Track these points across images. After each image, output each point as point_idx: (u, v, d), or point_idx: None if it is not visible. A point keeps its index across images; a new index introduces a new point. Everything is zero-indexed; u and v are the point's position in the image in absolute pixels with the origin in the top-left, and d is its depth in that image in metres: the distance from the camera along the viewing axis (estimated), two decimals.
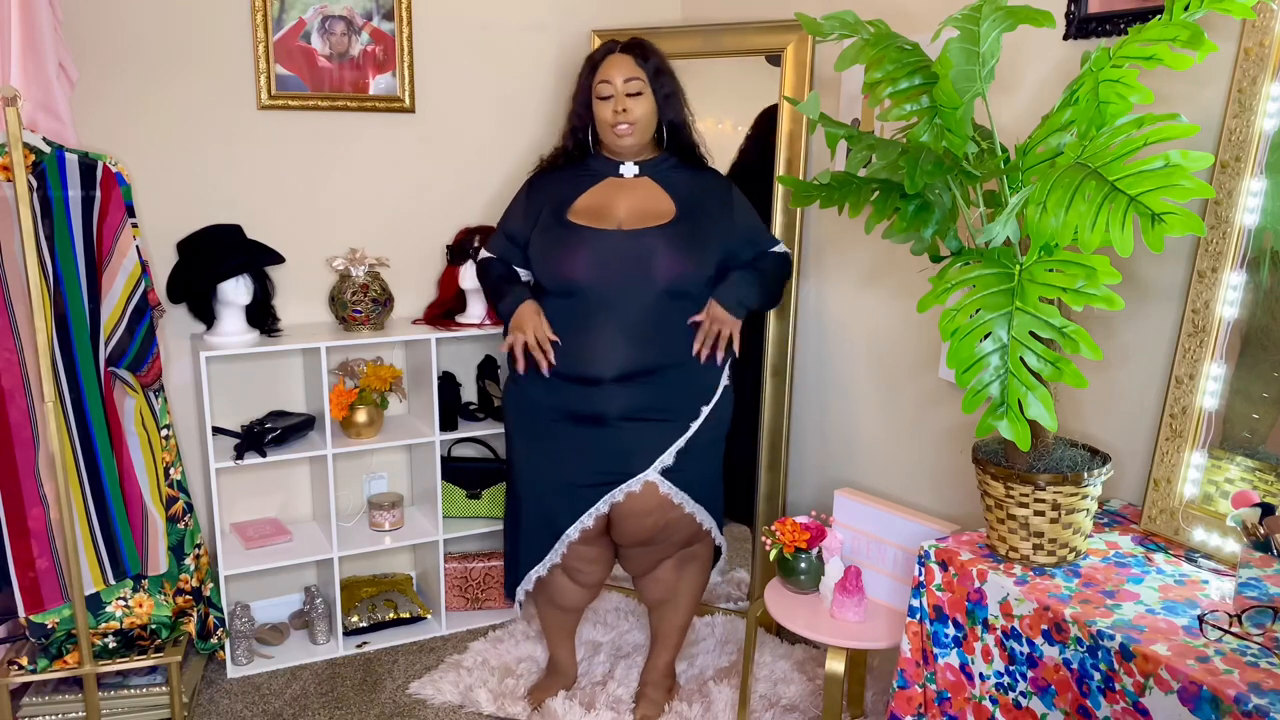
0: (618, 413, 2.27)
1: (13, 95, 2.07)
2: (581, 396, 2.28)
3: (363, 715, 2.57)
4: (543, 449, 2.36)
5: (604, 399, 2.27)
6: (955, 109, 1.59)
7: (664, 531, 2.38)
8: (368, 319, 2.81)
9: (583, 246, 2.27)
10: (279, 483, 2.99)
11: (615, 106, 2.28)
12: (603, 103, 2.30)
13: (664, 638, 2.58)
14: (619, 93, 2.28)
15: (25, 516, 2.28)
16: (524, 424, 2.39)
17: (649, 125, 2.32)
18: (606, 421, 2.28)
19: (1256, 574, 1.47)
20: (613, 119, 2.28)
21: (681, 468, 2.33)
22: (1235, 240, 1.70)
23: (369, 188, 2.94)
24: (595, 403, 2.27)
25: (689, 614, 2.57)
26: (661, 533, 2.38)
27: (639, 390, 2.27)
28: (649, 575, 2.52)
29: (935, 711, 1.75)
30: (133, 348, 2.38)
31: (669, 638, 2.58)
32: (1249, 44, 1.68)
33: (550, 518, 2.37)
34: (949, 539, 1.80)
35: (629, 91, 2.28)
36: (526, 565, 2.43)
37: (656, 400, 2.28)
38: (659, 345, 2.27)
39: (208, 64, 2.69)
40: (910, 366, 2.52)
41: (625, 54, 2.31)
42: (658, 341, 2.27)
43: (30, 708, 2.41)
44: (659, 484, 2.31)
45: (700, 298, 2.31)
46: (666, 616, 2.55)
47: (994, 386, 1.50)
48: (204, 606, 2.56)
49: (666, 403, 2.30)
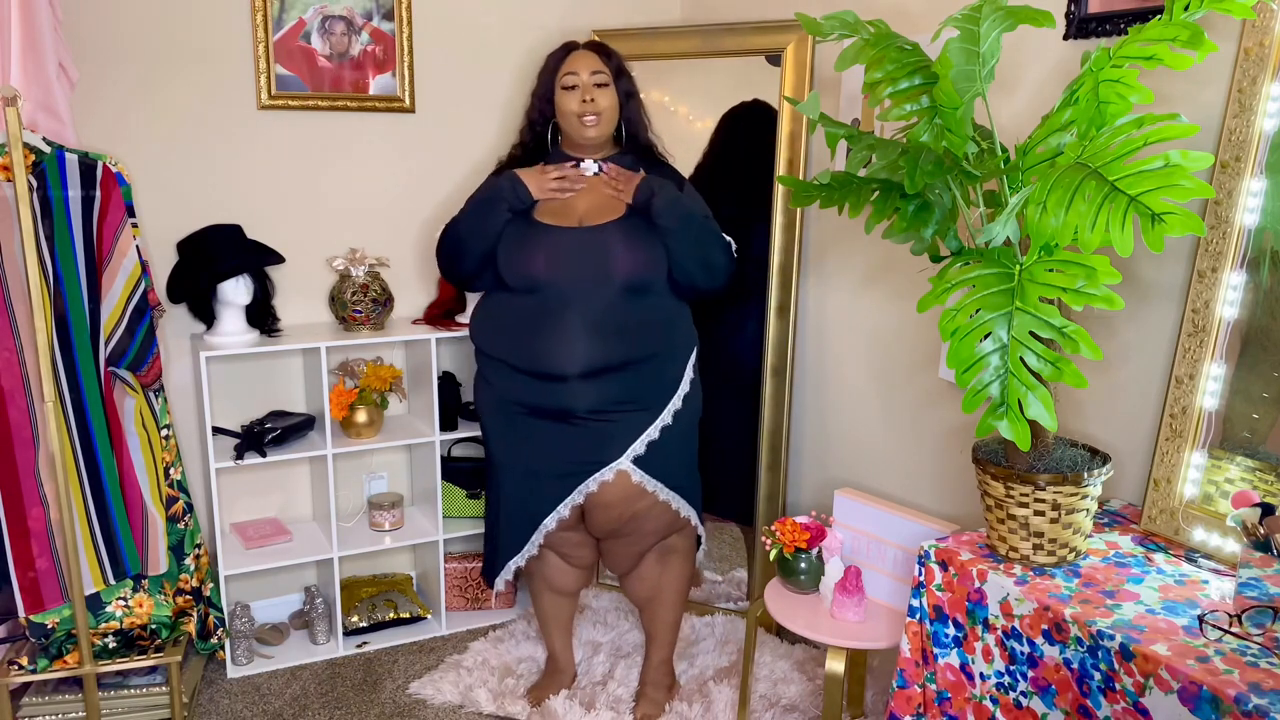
0: (586, 408, 2.29)
1: (13, 95, 2.07)
2: (548, 392, 2.29)
3: (363, 715, 2.57)
4: (515, 441, 2.38)
5: (570, 395, 2.28)
6: (955, 109, 1.59)
7: (634, 521, 2.40)
8: (368, 319, 2.81)
9: (544, 243, 2.28)
10: (279, 483, 2.99)
11: (583, 96, 2.30)
12: (568, 93, 2.31)
13: (657, 635, 2.58)
14: (585, 83, 2.30)
15: (25, 516, 2.28)
16: (496, 419, 2.41)
17: (613, 118, 2.35)
18: (574, 417, 2.30)
19: (1256, 574, 1.47)
20: (580, 109, 2.30)
21: (653, 457, 2.34)
22: (1235, 240, 1.70)
23: (369, 188, 2.94)
24: (562, 398, 2.29)
25: (678, 609, 2.57)
26: (631, 523, 2.40)
27: (605, 385, 2.28)
28: (633, 573, 2.53)
29: (935, 711, 1.75)
30: (133, 348, 2.38)
31: (662, 635, 2.58)
32: (1249, 44, 1.68)
33: (527, 509, 2.40)
34: (949, 539, 1.80)
35: (595, 83, 2.31)
36: (506, 555, 2.46)
37: (624, 394, 2.30)
38: (623, 340, 2.27)
39: (208, 64, 2.69)
40: (910, 366, 2.52)
41: (588, 50, 2.35)
42: (622, 337, 2.27)
43: (30, 708, 2.41)
44: (631, 472, 2.33)
45: (662, 292, 2.32)
46: (656, 614, 2.56)
47: (994, 386, 1.50)
48: (204, 606, 2.56)
49: (634, 395, 2.31)
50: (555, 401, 2.30)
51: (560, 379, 2.27)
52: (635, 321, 2.28)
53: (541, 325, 2.27)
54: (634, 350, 2.29)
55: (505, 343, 2.33)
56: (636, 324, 2.28)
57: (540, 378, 2.29)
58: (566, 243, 2.28)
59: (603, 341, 2.25)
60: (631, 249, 2.26)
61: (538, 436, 2.35)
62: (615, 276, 2.25)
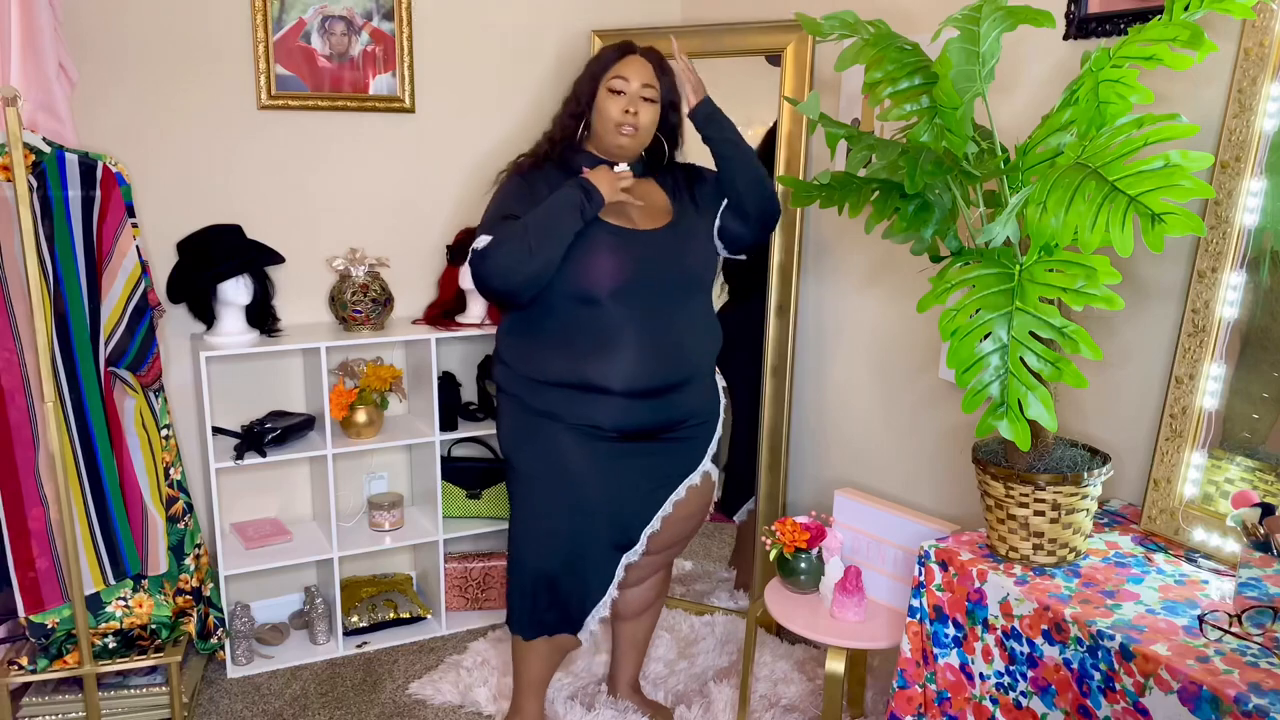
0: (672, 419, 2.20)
1: (13, 95, 2.07)
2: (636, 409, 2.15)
3: (363, 715, 2.57)
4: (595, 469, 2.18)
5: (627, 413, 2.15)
6: (955, 109, 1.59)
7: (701, 524, 2.40)
8: (368, 319, 2.81)
9: (613, 247, 2.12)
10: (279, 483, 2.99)
11: (628, 106, 2.17)
12: (614, 98, 2.17)
13: (643, 643, 2.53)
14: (633, 94, 2.17)
15: (25, 516, 2.28)
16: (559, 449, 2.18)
17: (649, 137, 2.23)
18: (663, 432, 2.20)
19: (1256, 574, 1.47)
20: (621, 118, 2.17)
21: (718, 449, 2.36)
22: (1235, 240, 1.70)
23: (369, 188, 2.94)
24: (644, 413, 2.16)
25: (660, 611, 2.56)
26: (699, 525, 2.40)
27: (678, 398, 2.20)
28: (645, 583, 2.43)
29: (935, 711, 1.75)
30: (133, 348, 2.38)
31: (645, 642, 2.54)
32: (1249, 44, 1.68)
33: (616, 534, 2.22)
34: (949, 539, 1.80)
35: (643, 96, 2.18)
36: (597, 593, 2.23)
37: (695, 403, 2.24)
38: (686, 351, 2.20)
39: (208, 64, 2.69)
40: (910, 366, 2.52)
41: (645, 59, 2.21)
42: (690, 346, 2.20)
43: (30, 708, 2.41)
44: (712, 472, 2.34)
45: (709, 290, 2.30)
46: (645, 622, 2.51)
47: (994, 386, 1.51)
48: (204, 606, 2.56)
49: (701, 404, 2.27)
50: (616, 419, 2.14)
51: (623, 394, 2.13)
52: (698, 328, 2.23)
53: (604, 339, 2.11)
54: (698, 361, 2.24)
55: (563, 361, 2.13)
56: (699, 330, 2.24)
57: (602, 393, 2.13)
58: (640, 246, 2.15)
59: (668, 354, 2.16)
60: (696, 246, 2.22)
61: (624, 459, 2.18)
62: (686, 275, 2.19)
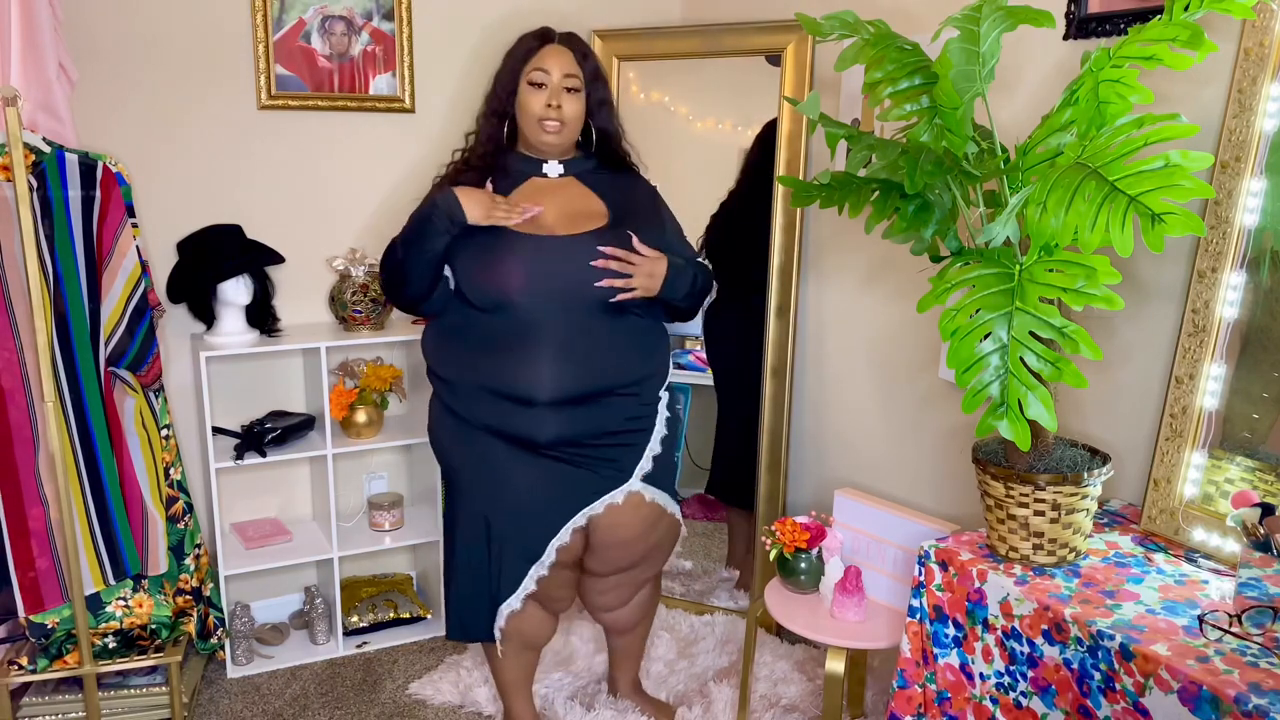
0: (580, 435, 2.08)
1: (13, 95, 2.07)
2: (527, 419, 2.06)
3: (363, 715, 2.57)
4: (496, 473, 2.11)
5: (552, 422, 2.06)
6: (955, 109, 1.59)
7: (656, 550, 2.28)
8: (368, 319, 2.81)
9: (518, 253, 2.01)
10: (279, 483, 2.99)
11: (549, 99, 2.07)
12: (534, 91, 2.08)
13: (638, 651, 2.51)
14: (555, 86, 2.08)
15: (25, 516, 2.28)
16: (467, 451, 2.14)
17: (577, 128, 2.13)
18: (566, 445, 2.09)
19: (1256, 574, 1.47)
20: (543, 112, 2.07)
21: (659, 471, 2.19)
22: (1235, 240, 1.70)
23: (369, 188, 2.94)
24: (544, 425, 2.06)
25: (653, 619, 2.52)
26: (653, 552, 2.27)
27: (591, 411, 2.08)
28: (628, 604, 2.38)
29: (935, 711, 1.75)
30: (133, 348, 2.38)
31: (641, 649, 2.52)
32: (1249, 44, 1.68)
33: (524, 541, 2.14)
34: (949, 539, 1.80)
35: (566, 87, 2.09)
36: (505, 595, 2.15)
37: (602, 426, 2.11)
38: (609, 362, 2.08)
39: (208, 64, 2.69)
40: (910, 366, 2.52)
41: (564, 47, 2.12)
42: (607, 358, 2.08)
43: (30, 708, 2.41)
44: (644, 492, 2.16)
45: (640, 306, 2.12)
46: (638, 633, 2.48)
47: (994, 386, 1.50)
48: (204, 606, 2.56)
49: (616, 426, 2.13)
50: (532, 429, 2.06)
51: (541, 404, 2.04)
52: (622, 343, 2.10)
53: (517, 346, 2.03)
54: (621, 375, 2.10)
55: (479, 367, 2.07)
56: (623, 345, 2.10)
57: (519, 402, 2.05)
58: (546, 252, 2.02)
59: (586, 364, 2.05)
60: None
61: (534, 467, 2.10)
62: (602, 288, 2.03)
